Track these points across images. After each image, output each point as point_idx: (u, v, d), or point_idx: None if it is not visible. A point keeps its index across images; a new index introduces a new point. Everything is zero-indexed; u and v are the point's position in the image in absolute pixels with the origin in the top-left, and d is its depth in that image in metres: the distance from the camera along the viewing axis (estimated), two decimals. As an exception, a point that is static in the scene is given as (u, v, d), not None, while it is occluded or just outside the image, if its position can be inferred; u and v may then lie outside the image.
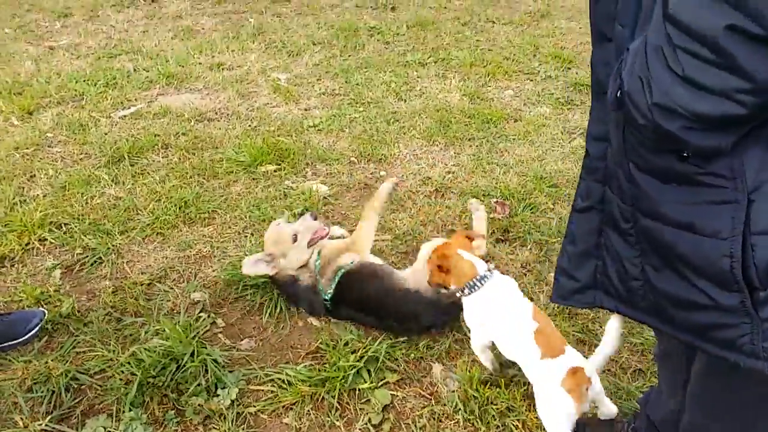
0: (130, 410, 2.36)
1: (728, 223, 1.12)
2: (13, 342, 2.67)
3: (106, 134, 4.65)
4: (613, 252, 1.34)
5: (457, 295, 2.40)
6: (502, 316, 2.32)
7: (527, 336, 2.22)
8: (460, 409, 2.39)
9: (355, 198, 3.82)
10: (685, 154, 1.11)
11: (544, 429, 2.31)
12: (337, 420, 2.38)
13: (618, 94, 1.15)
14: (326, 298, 2.79)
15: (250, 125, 4.85)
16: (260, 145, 4.34)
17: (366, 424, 2.36)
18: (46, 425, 2.32)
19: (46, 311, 2.79)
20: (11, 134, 4.66)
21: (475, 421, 2.35)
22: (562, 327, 2.75)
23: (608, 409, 2.28)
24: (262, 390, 2.50)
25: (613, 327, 2.04)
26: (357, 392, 2.47)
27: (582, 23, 7.25)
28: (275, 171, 4.12)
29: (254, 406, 2.42)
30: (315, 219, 2.96)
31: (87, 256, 3.28)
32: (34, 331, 2.71)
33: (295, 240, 2.85)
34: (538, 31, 7.06)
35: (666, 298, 1.24)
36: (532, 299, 2.93)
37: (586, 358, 2.15)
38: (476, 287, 2.33)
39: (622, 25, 1.22)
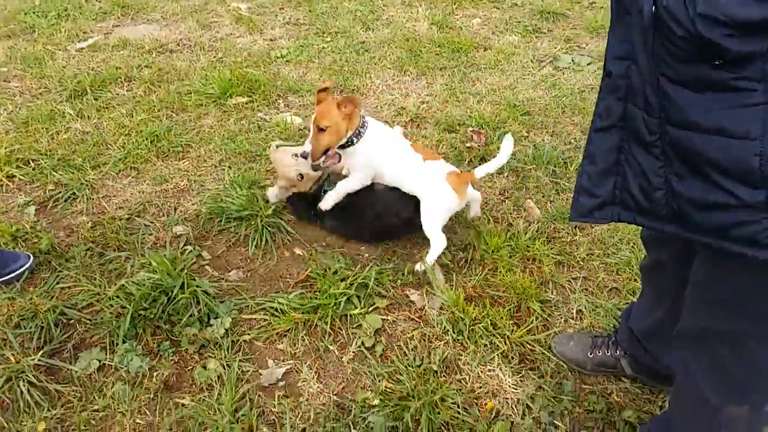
0: (124, 342, 2.37)
1: (758, 124, 1.17)
2: (-8, 281, 2.62)
3: (64, 67, 4.45)
4: (635, 166, 1.38)
5: (344, 144, 2.74)
6: (386, 147, 2.78)
7: (407, 150, 2.78)
8: (448, 330, 2.48)
9: (330, 129, 3.76)
10: (716, 62, 1.15)
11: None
12: (331, 344, 2.44)
13: (653, 10, 1.18)
14: (327, 189, 2.92)
15: (215, 56, 4.70)
16: (228, 76, 4.23)
17: (359, 347, 2.43)
18: (38, 360, 2.30)
19: (30, 255, 2.71)
20: (-39, 69, 4.42)
21: (464, 341, 2.44)
22: (541, 250, 2.85)
23: (475, 212, 2.97)
24: (255, 318, 2.53)
25: (506, 145, 2.70)
26: (348, 318, 2.53)
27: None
28: (246, 103, 4.03)
29: (248, 334, 2.46)
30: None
31: (60, 192, 3.19)
32: (15, 273, 2.63)
33: (301, 178, 2.91)
34: (502, -42, 6.94)
35: (689, 203, 1.30)
36: (511, 225, 3.02)
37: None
38: (365, 127, 2.73)
39: None
